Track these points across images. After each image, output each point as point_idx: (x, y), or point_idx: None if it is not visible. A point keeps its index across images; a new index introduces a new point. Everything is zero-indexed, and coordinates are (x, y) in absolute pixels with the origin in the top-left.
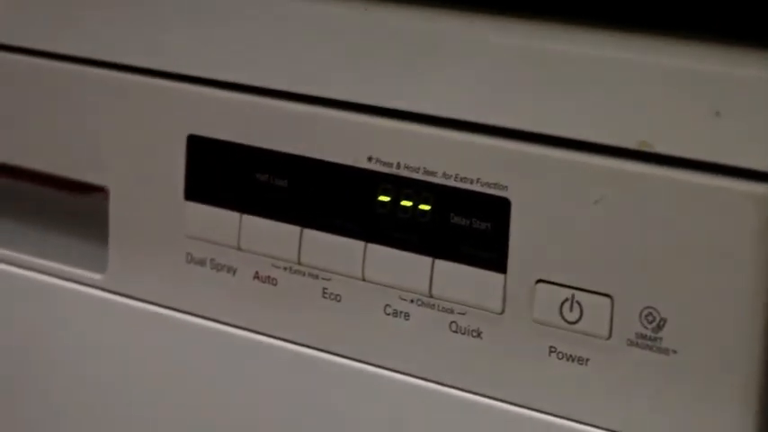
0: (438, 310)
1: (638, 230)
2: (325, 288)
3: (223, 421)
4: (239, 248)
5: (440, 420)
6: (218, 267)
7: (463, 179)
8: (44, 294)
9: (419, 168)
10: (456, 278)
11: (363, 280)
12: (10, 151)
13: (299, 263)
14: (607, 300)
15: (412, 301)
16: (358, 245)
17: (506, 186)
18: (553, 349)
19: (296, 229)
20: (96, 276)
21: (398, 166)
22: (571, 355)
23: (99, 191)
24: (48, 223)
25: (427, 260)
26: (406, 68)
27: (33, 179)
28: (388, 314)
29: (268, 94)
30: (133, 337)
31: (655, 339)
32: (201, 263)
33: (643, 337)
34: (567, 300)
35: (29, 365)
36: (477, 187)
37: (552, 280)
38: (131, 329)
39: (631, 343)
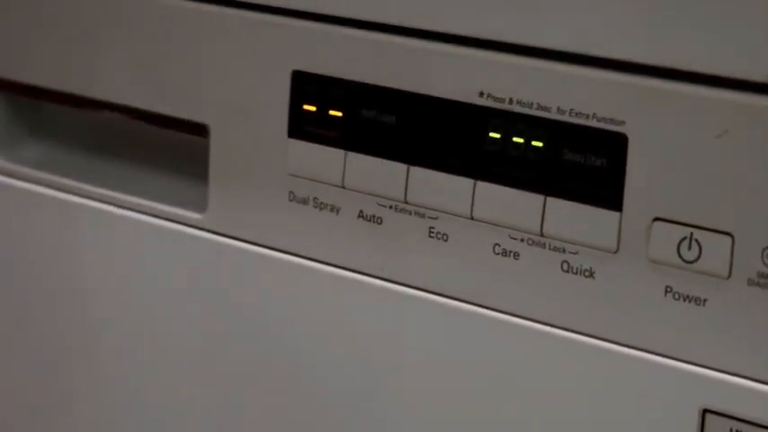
0: (549, 249)
1: (762, 166)
2: (431, 227)
3: (324, 362)
4: (343, 187)
5: (550, 362)
6: (321, 206)
7: (578, 114)
8: (144, 234)
9: (532, 104)
10: (569, 216)
11: (472, 219)
12: (110, 89)
13: (406, 201)
14: (727, 238)
15: (522, 240)
16: (467, 183)
17: (623, 121)
18: (669, 289)
19: (403, 166)
20: (196, 216)
21: (511, 101)
22: (688, 296)
23: (200, 128)
24: (147, 162)
25: (539, 198)
26: (521, 1)
27: (133, 117)
28: (498, 254)
29: (376, 28)
30: (233, 278)
31: None
32: (304, 201)
33: (765, 276)
34: (685, 238)
35: (128, 306)
36: (592, 123)
37: (670, 218)
38: (231, 270)
39: (752, 282)
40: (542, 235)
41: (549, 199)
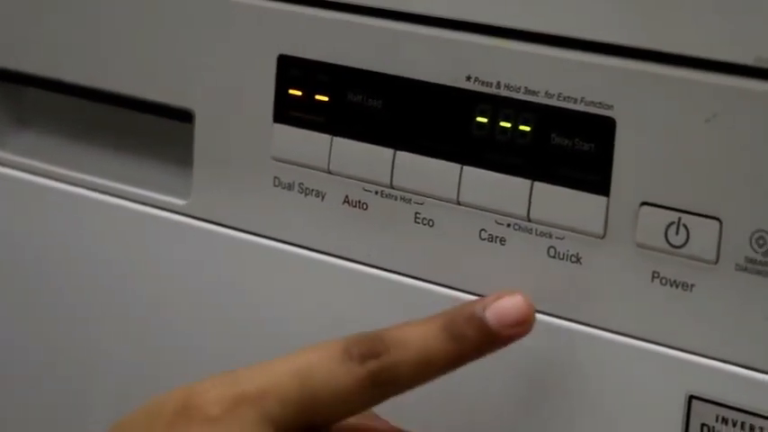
0: (536, 234)
1: (751, 150)
2: (417, 212)
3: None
4: (329, 172)
5: (538, 348)
6: (306, 191)
7: (566, 98)
8: (127, 220)
9: (520, 88)
10: (556, 201)
11: (458, 204)
12: (93, 74)
13: (392, 186)
14: (715, 222)
15: (509, 225)
16: (453, 167)
17: (612, 105)
18: (656, 274)
19: (389, 151)
20: (180, 202)
21: (498, 85)
22: (676, 281)
23: (184, 114)
24: (131, 148)
25: (526, 183)
26: None
27: (117, 103)
28: (484, 239)
29: (362, 11)
30: (217, 264)
31: (765, 264)
32: (289, 187)
33: (753, 261)
34: (672, 223)
35: (112, 291)
36: (580, 107)
37: (658, 202)
38: (216, 256)
39: (740, 267)
40: (529, 220)
41: (537, 184)
